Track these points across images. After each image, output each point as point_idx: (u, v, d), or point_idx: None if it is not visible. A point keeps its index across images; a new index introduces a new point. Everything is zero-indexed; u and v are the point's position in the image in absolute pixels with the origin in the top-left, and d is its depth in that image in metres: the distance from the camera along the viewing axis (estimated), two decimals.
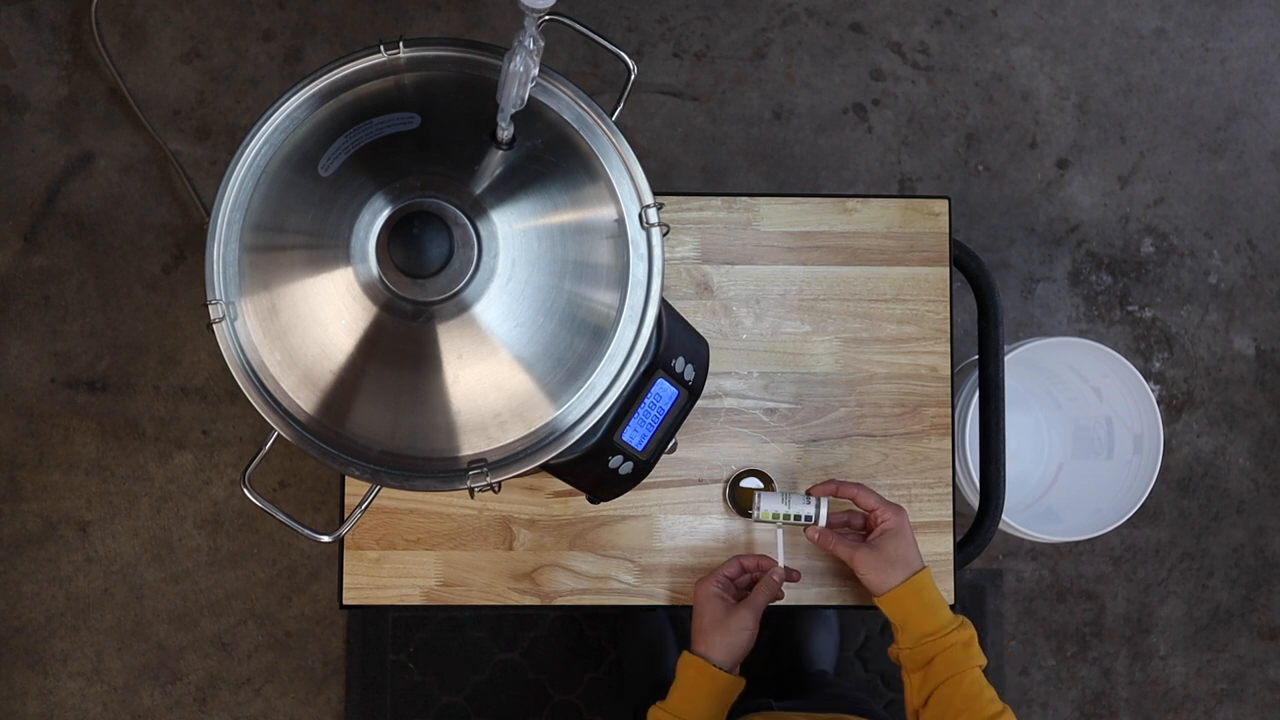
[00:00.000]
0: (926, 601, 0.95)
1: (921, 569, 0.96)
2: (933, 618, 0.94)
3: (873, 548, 0.97)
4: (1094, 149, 1.87)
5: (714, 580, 0.99)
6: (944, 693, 0.92)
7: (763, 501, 1.01)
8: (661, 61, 1.85)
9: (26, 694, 1.78)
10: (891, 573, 0.96)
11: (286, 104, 0.74)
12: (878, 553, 0.97)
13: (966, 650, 0.93)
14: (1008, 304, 1.84)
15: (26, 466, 1.79)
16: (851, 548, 0.98)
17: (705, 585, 0.99)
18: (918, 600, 0.95)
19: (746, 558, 1.02)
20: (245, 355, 0.72)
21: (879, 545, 0.97)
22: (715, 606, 0.98)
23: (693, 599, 1.00)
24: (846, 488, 1.01)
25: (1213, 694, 1.83)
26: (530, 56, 0.64)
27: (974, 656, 0.93)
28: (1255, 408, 1.85)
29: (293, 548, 1.79)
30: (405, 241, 0.65)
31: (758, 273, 1.12)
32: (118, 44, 1.83)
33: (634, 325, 0.74)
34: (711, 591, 0.98)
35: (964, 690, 0.91)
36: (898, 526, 0.98)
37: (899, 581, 0.95)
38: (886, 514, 0.98)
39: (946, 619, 0.94)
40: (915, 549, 0.98)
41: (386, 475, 0.73)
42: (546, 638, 1.76)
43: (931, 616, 0.94)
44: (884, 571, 0.96)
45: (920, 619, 0.94)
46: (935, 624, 0.94)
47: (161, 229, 1.81)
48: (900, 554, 0.96)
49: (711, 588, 0.99)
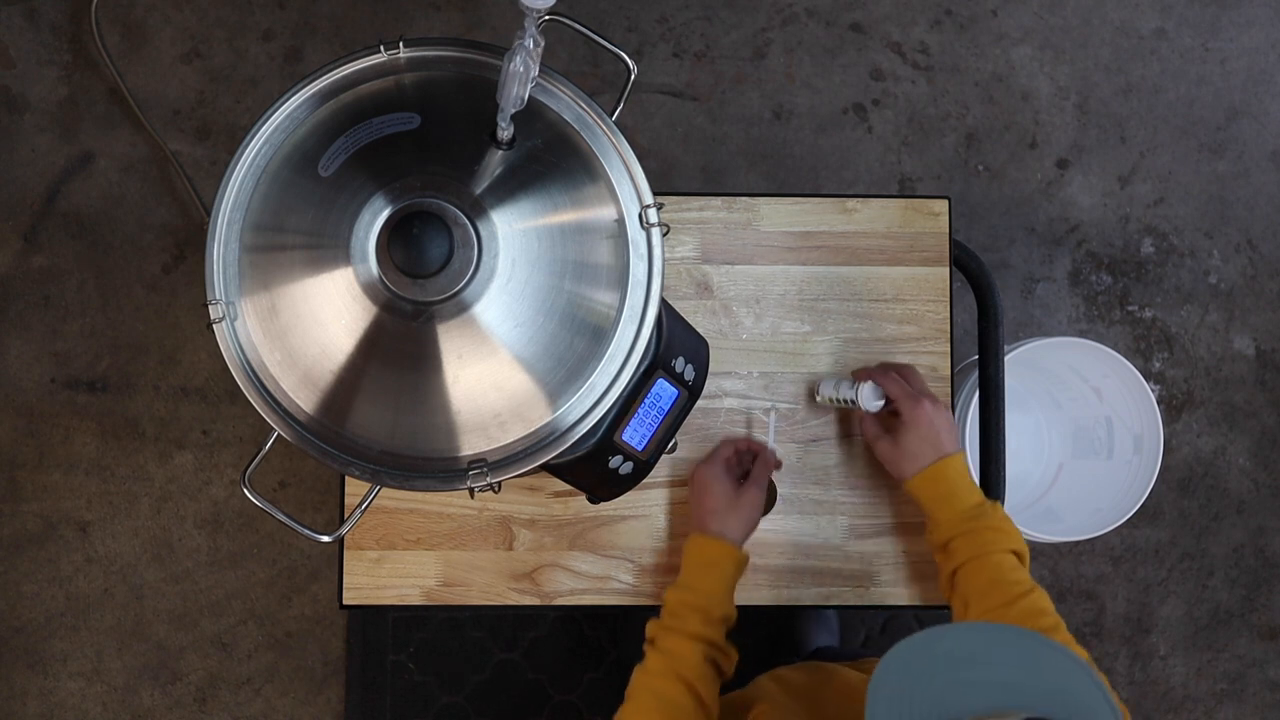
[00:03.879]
0: (943, 491, 0.96)
1: (939, 459, 0.96)
2: (949, 505, 0.95)
3: (890, 440, 1.00)
4: (1094, 149, 1.87)
5: (716, 462, 1.00)
6: (965, 574, 0.92)
7: (821, 386, 1.08)
8: (661, 61, 1.85)
9: (26, 694, 1.78)
10: (906, 464, 0.98)
11: (286, 104, 0.74)
12: (893, 445, 0.99)
13: (993, 534, 0.92)
14: (1008, 304, 1.84)
15: (26, 466, 1.79)
16: (875, 438, 1.02)
17: (708, 468, 1.00)
18: (933, 488, 0.96)
19: (738, 439, 1.04)
20: (245, 355, 0.72)
21: (896, 438, 0.99)
22: (725, 487, 0.99)
23: (691, 484, 1.02)
24: (877, 373, 1.03)
25: (1213, 694, 1.83)
26: (530, 56, 0.64)
27: (1001, 540, 0.92)
28: (1255, 408, 1.85)
29: (293, 548, 1.79)
30: (405, 241, 0.65)
31: (758, 273, 1.12)
32: (118, 44, 1.83)
33: (634, 325, 0.74)
34: (717, 472, 1.00)
35: (987, 573, 0.91)
36: (913, 419, 0.98)
37: (913, 472, 0.97)
38: (905, 404, 0.99)
39: (965, 505, 0.95)
40: (938, 439, 0.97)
41: (386, 475, 0.73)
42: (546, 638, 1.76)
43: (947, 504, 0.95)
44: (899, 463, 0.98)
45: (937, 505, 0.96)
46: (952, 510, 0.95)
47: (161, 229, 1.81)
48: (914, 447, 0.97)
49: (716, 468, 1.00)
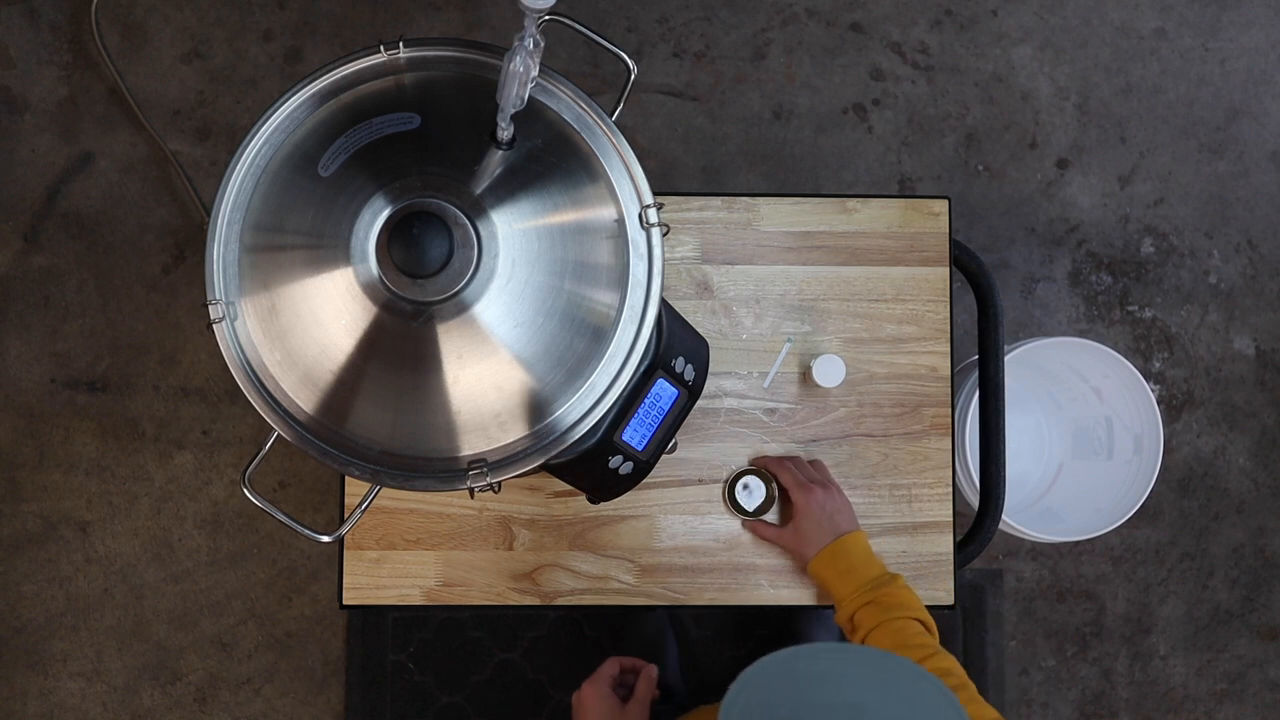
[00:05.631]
0: (843, 567, 0.98)
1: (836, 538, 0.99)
2: (850, 579, 0.97)
3: (790, 530, 1.02)
4: (1094, 149, 1.87)
5: (601, 681, 0.97)
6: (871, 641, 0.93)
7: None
8: (661, 61, 1.85)
9: (26, 694, 1.78)
10: (807, 549, 1.00)
11: (286, 104, 0.74)
12: (793, 533, 1.01)
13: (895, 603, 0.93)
14: (1008, 304, 1.84)
15: (26, 466, 1.79)
16: (775, 535, 1.04)
17: (593, 687, 0.97)
18: (833, 566, 0.98)
19: (624, 659, 1.00)
20: (245, 355, 0.72)
21: (794, 527, 1.01)
22: (610, 706, 0.95)
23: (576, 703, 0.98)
24: (769, 462, 1.05)
25: (1213, 694, 1.83)
26: (530, 56, 0.64)
27: (904, 609, 0.93)
28: (1255, 408, 1.85)
29: (293, 548, 1.79)
30: (405, 241, 0.65)
31: (758, 273, 1.12)
32: (118, 44, 1.83)
33: (634, 325, 0.74)
34: (604, 692, 0.96)
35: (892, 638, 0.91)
36: (805, 507, 1.00)
37: (813, 554, 1.00)
38: (797, 493, 1.01)
39: (866, 577, 0.96)
40: (833, 521, 1.00)
41: (386, 475, 0.73)
42: (546, 638, 1.76)
43: (849, 578, 0.97)
44: (800, 549, 1.01)
45: (839, 582, 0.97)
46: (854, 583, 0.96)
47: (161, 229, 1.81)
48: (811, 532, 0.99)
49: (602, 687, 0.96)
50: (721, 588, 1.10)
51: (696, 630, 1.75)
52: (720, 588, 1.10)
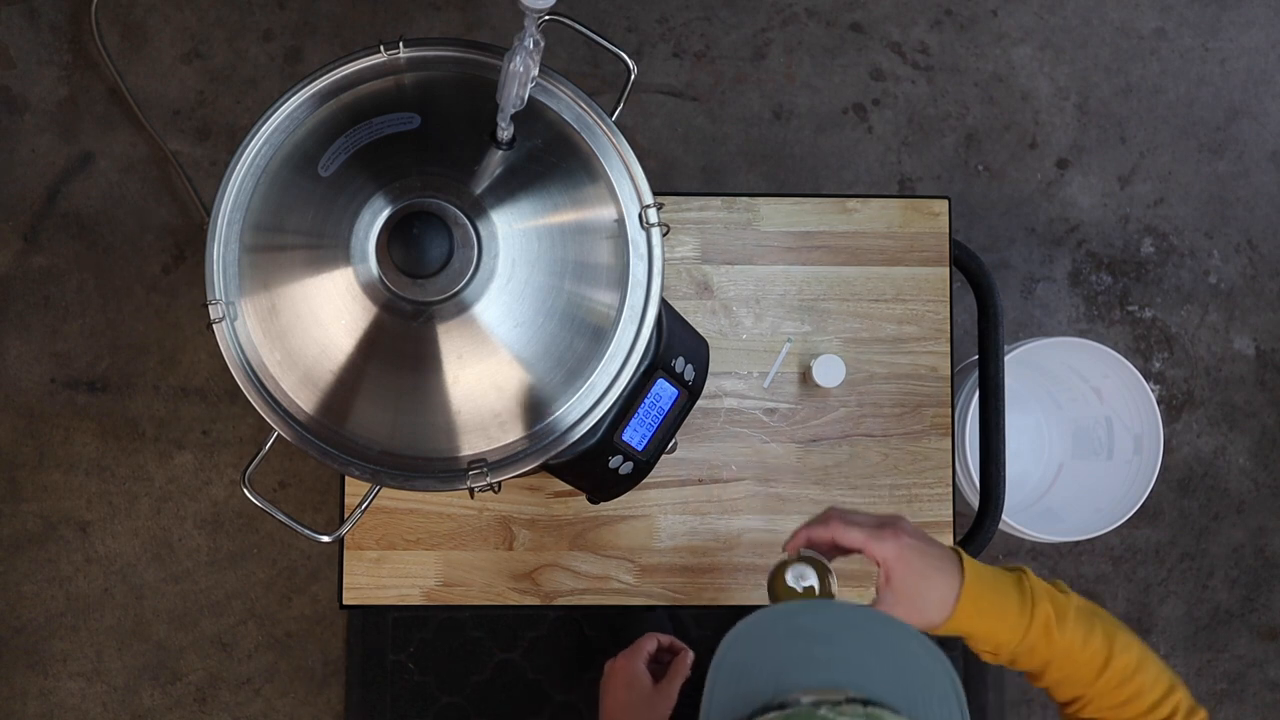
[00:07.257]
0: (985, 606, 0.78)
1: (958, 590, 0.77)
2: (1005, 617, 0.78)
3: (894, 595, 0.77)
4: (1094, 149, 1.87)
5: (638, 656, 0.94)
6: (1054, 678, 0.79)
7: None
8: (661, 61, 1.85)
9: (26, 694, 1.78)
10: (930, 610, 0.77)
11: (286, 104, 0.74)
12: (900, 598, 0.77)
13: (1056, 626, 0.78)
14: (1008, 304, 1.84)
15: (26, 466, 1.79)
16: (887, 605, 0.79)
17: (629, 661, 0.93)
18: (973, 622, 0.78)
19: (662, 636, 0.98)
20: (245, 355, 0.72)
21: (896, 589, 0.77)
22: (643, 682, 0.92)
23: (608, 673, 0.94)
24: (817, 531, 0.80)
25: (1213, 694, 1.83)
26: (530, 56, 0.64)
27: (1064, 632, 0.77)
28: (1255, 408, 1.85)
29: (293, 548, 1.79)
30: (405, 241, 0.65)
31: (758, 273, 1.12)
32: (118, 44, 1.83)
33: (634, 325, 0.74)
34: (638, 668, 0.93)
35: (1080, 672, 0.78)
36: (897, 556, 0.77)
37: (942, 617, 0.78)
38: (877, 549, 0.78)
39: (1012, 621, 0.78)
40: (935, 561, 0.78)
41: (386, 475, 0.73)
42: (546, 638, 1.76)
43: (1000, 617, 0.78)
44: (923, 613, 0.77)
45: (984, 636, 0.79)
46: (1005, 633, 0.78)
47: (161, 229, 1.81)
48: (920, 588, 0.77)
49: (638, 663, 0.93)
50: (721, 588, 1.10)
51: (696, 630, 1.75)
52: (720, 588, 1.10)
